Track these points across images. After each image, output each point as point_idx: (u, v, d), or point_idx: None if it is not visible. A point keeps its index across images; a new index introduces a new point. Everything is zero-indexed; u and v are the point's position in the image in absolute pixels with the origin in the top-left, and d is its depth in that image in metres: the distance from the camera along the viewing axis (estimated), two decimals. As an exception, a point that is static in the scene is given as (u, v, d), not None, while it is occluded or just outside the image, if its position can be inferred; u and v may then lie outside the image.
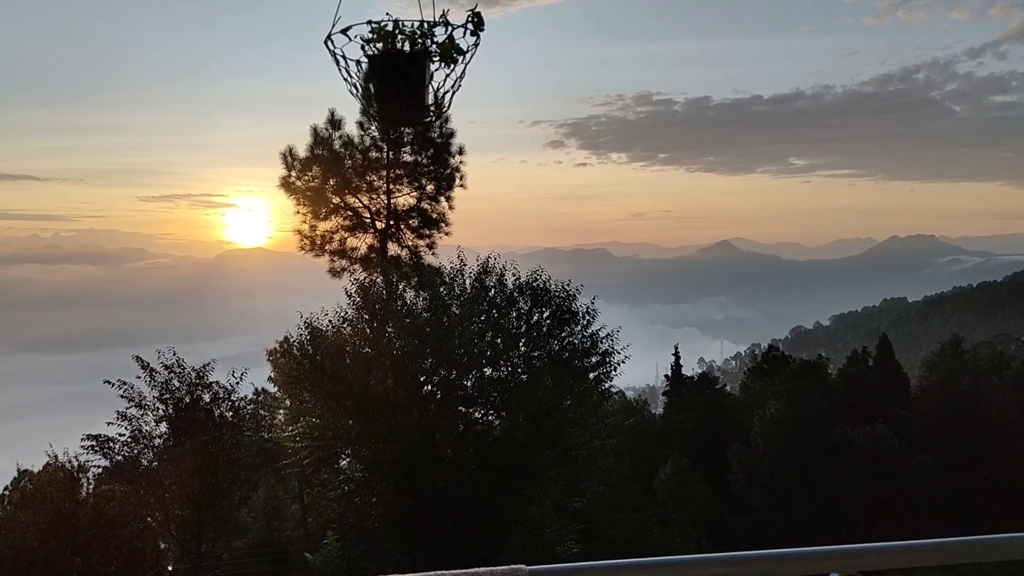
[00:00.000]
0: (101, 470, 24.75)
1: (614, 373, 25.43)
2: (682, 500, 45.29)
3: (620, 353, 25.17)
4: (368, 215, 32.25)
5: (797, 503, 45.76)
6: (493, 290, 24.65)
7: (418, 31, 4.21)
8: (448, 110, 4.43)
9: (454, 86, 4.29)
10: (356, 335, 24.34)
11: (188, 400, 24.54)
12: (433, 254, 31.94)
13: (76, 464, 23.63)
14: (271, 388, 29.74)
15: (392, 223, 32.11)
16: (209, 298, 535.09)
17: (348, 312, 24.63)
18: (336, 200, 32.01)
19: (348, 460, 25.22)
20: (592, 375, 25.03)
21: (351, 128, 31.89)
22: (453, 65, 4.24)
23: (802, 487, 45.64)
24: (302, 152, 31.70)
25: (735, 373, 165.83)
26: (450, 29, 4.20)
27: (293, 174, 31.85)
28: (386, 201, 32.11)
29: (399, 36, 4.22)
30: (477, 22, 4.18)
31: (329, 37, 4.21)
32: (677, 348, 61.17)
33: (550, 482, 25.32)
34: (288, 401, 26.97)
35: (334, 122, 31.79)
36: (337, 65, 4.30)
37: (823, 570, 2.89)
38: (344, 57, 4.27)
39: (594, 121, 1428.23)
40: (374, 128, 31.44)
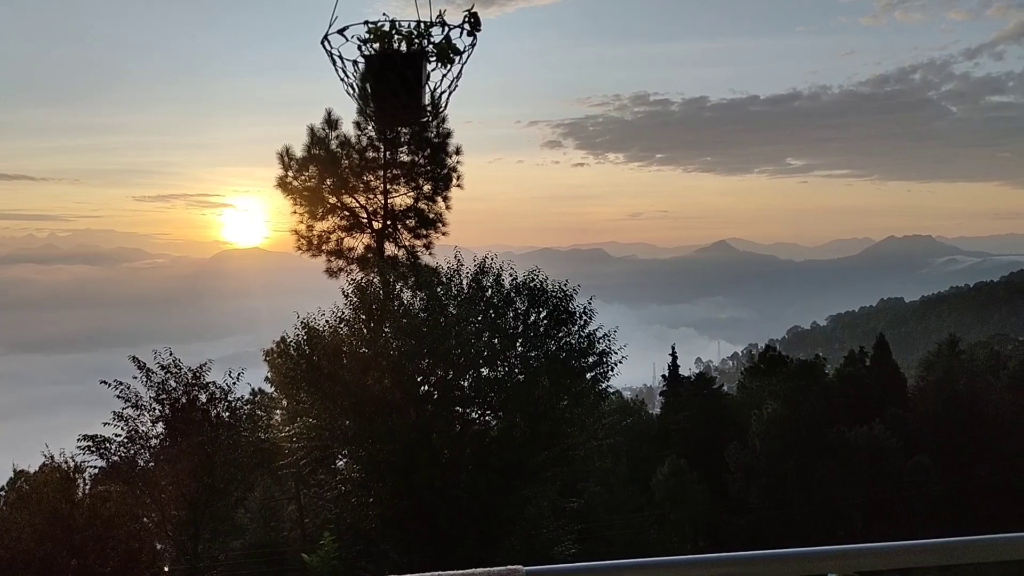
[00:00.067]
0: (97, 470, 24.73)
1: (611, 373, 25.46)
2: (679, 500, 45.32)
3: (617, 353, 25.21)
4: (365, 215, 32.25)
5: (794, 503, 45.80)
6: (490, 290, 24.65)
7: (415, 31, 4.21)
8: (445, 110, 4.42)
9: (451, 86, 4.29)
10: (353, 335, 24.34)
11: (184, 400, 24.54)
12: (430, 254, 31.98)
13: (72, 465, 23.59)
14: (268, 388, 29.74)
15: (389, 223, 32.11)
16: (206, 298, 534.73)
17: (345, 312, 24.64)
18: (333, 200, 32.01)
19: (345, 460, 25.22)
20: (589, 375, 25.05)
21: (348, 128, 31.96)
22: (450, 65, 4.24)
23: (799, 487, 45.68)
24: (299, 152, 31.75)
25: (732, 373, 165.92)
26: (447, 29, 4.19)
27: (290, 174, 31.87)
28: (383, 201, 32.11)
29: (396, 36, 4.21)
30: (474, 22, 4.17)
31: (326, 37, 4.20)
32: (674, 348, 61.17)
33: (547, 482, 25.32)
34: (285, 401, 26.95)
35: (331, 122, 31.81)
36: (334, 65, 4.29)
37: (820, 570, 2.88)
38: (341, 57, 4.26)
39: (591, 121, 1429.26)
40: (371, 128, 31.44)
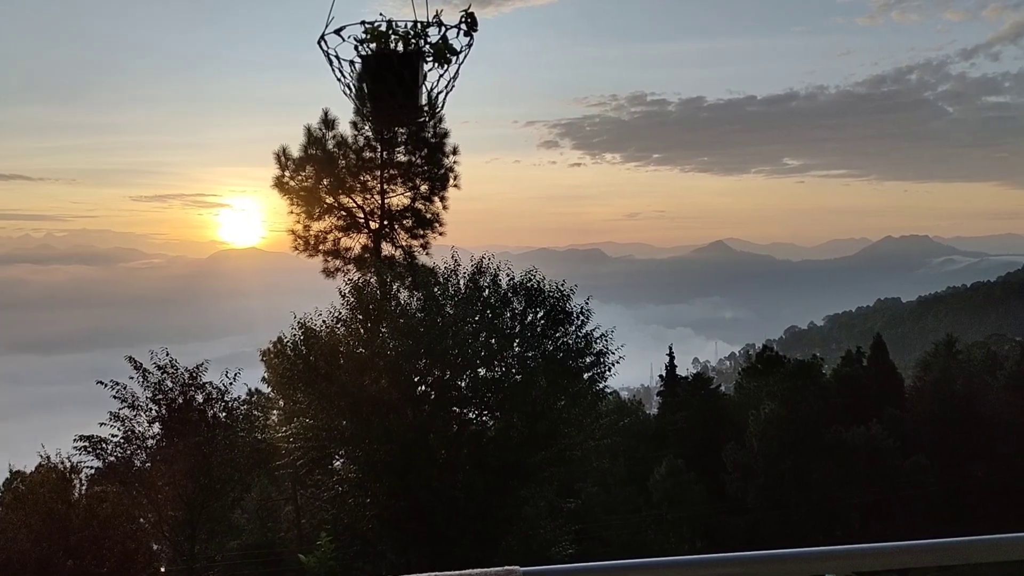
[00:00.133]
0: (94, 471, 24.68)
1: (608, 373, 25.50)
2: (677, 500, 45.37)
3: (614, 353, 25.24)
4: (362, 215, 32.22)
5: (792, 503, 45.85)
6: (487, 290, 24.66)
7: (411, 31, 4.20)
8: (442, 110, 4.42)
9: (448, 86, 4.28)
10: (350, 335, 24.32)
11: (181, 401, 24.50)
12: (427, 254, 31.93)
13: (69, 465, 23.55)
14: (265, 389, 29.72)
15: (386, 223, 32.08)
16: (202, 298, 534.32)
17: (342, 312, 24.63)
18: (330, 200, 31.97)
19: (342, 461, 25.20)
20: (586, 375, 25.08)
21: (345, 128, 31.90)
22: (447, 65, 4.23)
23: (797, 487, 45.74)
24: (296, 152, 31.70)
25: (729, 373, 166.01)
26: (443, 29, 4.18)
27: (287, 174, 31.82)
28: (380, 201, 32.08)
29: (392, 36, 4.20)
30: (470, 22, 4.17)
31: (322, 37, 4.19)
32: (671, 348, 61.23)
33: (544, 482, 25.33)
34: (282, 402, 26.93)
35: (328, 122, 31.77)
36: (331, 65, 4.28)
37: (818, 571, 2.88)
38: (338, 57, 4.26)
39: (588, 121, 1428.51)
40: (368, 128, 31.40)
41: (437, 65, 4.24)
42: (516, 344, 24.32)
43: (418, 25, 4.19)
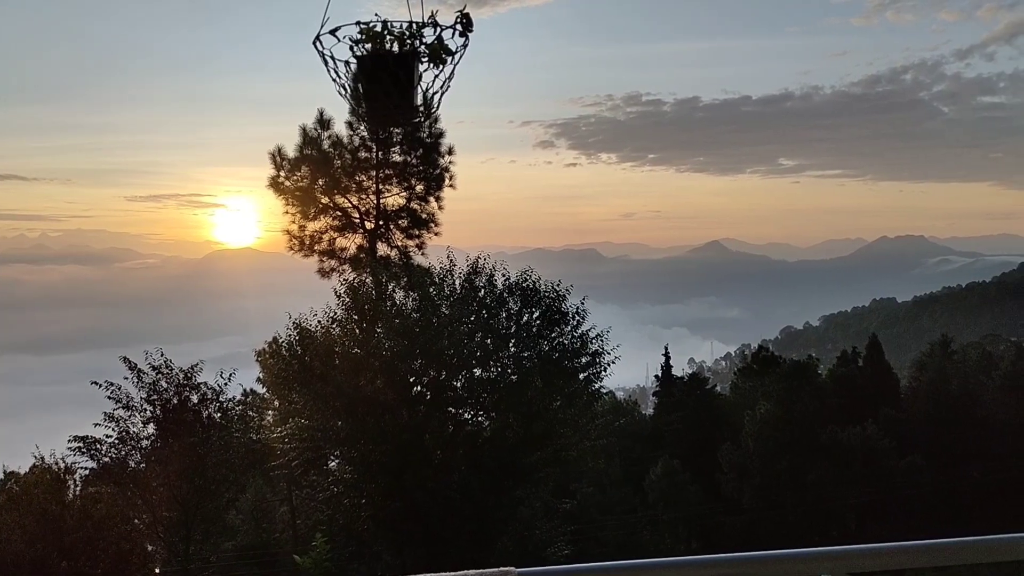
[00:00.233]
0: (88, 472, 24.65)
1: (604, 374, 25.45)
2: (672, 501, 45.37)
3: (610, 353, 25.19)
4: (357, 215, 32.18)
5: (788, 503, 45.88)
6: (483, 290, 24.62)
7: (407, 32, 4.19)
8: (437, 110, 4.42)
9: (443, 87, 4.28)
10: (345, 336, 24.28)
11: (176, 401, 24.46)
12: (423, 254, 31.92)
13: (63, 466, 23.52)
14: (260, 389, 29.64)
15: (381, 223, 32.05)
16: (197, 299, 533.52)
17: (337, 313, 24.57)
18: (325, 200, 31.94)
19: (337, 461, 25.14)
20: (582, 376, 25.04)
21: (340, 128, 31.85)
22: (442, 66, 4.23)
23: (792, 487, 45.76)
24: (291, 152, 31.64)
25: (725, 373, 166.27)
26: (439, 30, 4.18)
27: (282, 174, 31.77)
28: (375, 201, 32.05)
29: (388, 37, 4.20)
30: (466, 23, 4.16)
31: (318, 38, 4.19)
32: (667, 348, 61.25)
33: (540, 483, 25.31)
34: (277, 402, 26.89)
35: (323, 122, 31.72)
36: (326, 66, 4.28)
37: (814, 571, 2.88)
38: (333, 58, 4.25)
39: (584, 121, 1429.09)
40: (363, 128, 31.37)
41: (432, 65, 4.24)
42: (512, 344, 24.28)
43: (413, 25, 4.19)
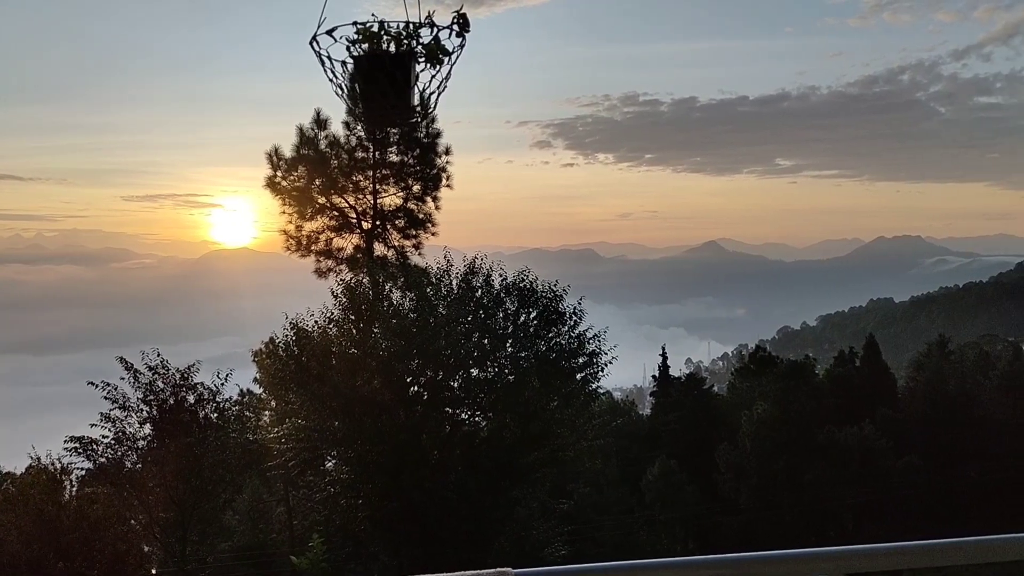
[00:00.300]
0: (84, 472, 24.59)
1: (601, 374, 25.47)
2: (669, 501, 45.34)
3: (607, 354, 25.22)
4: (354, 215, 32.17)
5: (785, 504, 45.87)
6: (480, 291, 24.63)
7: (403, 32, 4.19)
8: (434, 111, 4.41)
9: (440, 87, 4.28)
10: (342, 336, 24.27)
11: (172, 401, 24.42)
12: (419, 254, 31.94)
13: (59, 466, 23.46)
14: (256, 389, 29.62)
15: (378, 223, 32.04)
16: (194, 299, 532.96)
17: (334, 313, 24.57)
18: (322, 200, 31.93)
19: (334, 462, 25.13)
20: (579, 376, 25.05)
21: (337, 128, 31.86)
22: (439, 66, 4.22)
23: (790, 488, 45.76)
24: (288, 152, 31.64)
25: (722, 374, 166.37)
26: (436, 30, 4.18)
27: (279, 174, 31.77)
28: (372, 201, 32.04)
29: (384, 37, 4.20)
30: (462, 23, 4.16)
31: (314, 38, 4.18)
32: (664, 349, 61.23)
33: (537, 483, 25.29)
34: (273, 402, 26.85)
35: (320, 122, 31.72)
36: (322, 66, 4.27)
37: (811, 572, 2.88)
38: (330, 58, 4.25)
39: (580, 121, 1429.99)
40: (360, 128, 31.36)
41: (429, 66, 4.23)
42: (509, 344, 24.29)
43: (410, 26, 4.18)
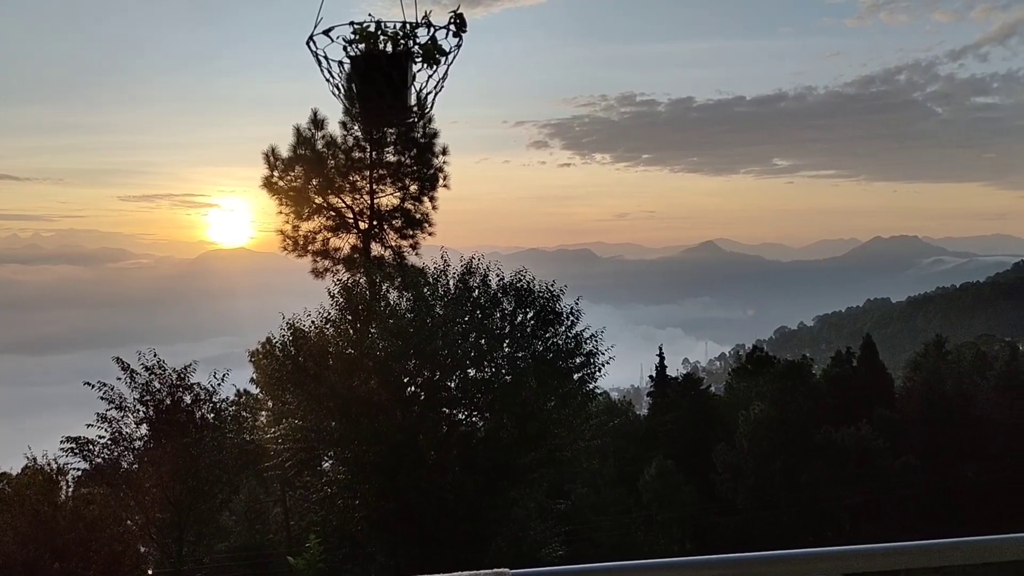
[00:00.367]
0: (80, 473, 24.57)
1: (598, 374, 25.46)
2: (667, 501, 45.37)
3: (604, 354, 25.21)
4: (351, 215, 32.13)
5: (782, 504, 45.92)
6: (477, 291, 24.61)
7: (400, 32, 4.18)
8: (431, 111, 4.40)
9: (437, 87, 4.27)
10: (339, 336, 24.24)
11: (169, 402, 24.41)
12: (416, 255, 31.87)
13: (55, 467, 23.43)
14: (253, 390, 29.58)
15: (375, 223, 32.01)
16: (191, 299, 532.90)
17: (331, 313, 24.54)
18: (319, 200, 31.89)
19: (331, 462, 25.10)
20: (576, 376, 25.04)
21: (334, 128, 31.81)
22: (436, 66, 4.21)
23: (787, 488, 45.80)
24: (285, 152, 31.60)
25: (719, 374, 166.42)
26: (432, 30, 4.17)
27: (275, 174, 31.72)
28: (369, 201, 32.01)
29: (381, 37, 4.18)
30: (459, 23, 4.15)
31: (311, 38, 4.17)
32: (661, 349, 61.25)
33: (534, 484, 25.27)
34: (270, 403, 26.80)
35: (317, 122, 31.68)
36: (319, 66, 4.26)
37: (808, 572, 2.88)
38: (326, 58, 4.24)
39: (577, 121, 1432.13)
40: (357, 128, 31.33)
41: (426, 66, 4.22)
42: (506, 345, 24.27)
43: (407, 26, 4.17)
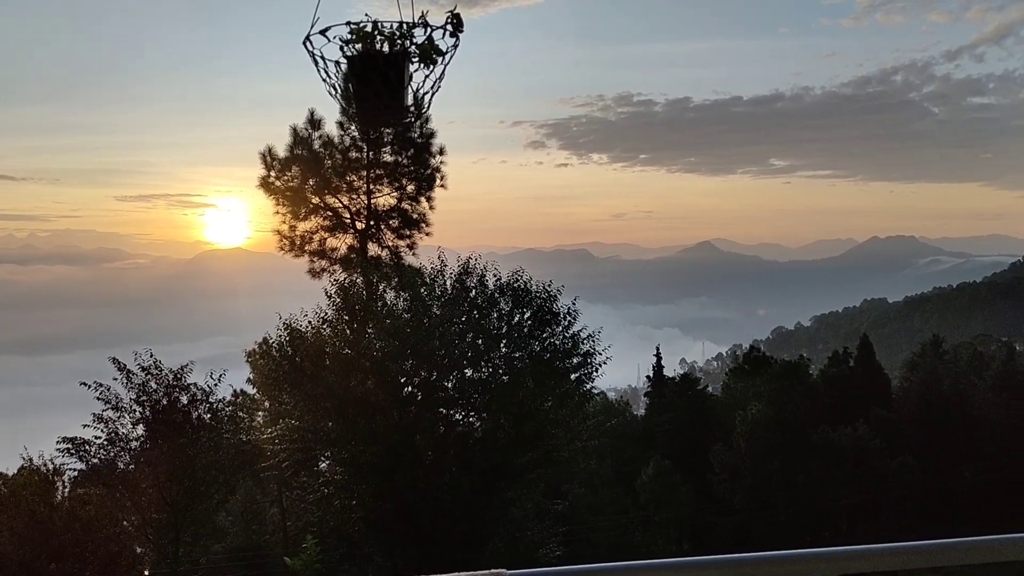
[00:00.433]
0: (77, 473, 24.52)
1: (595, 374, 25.49)
2: (664, 502, 45.38)
3: (601, 354, 25.23)
4: (348, 215, 32.09)
5: (779, 504, 45.92)
6: (474, 291, 24.62)
7: (397, 32, 4.17)
8: (428, 111, 4.39)
9: (434, 87, 4.26)
10: (336, 336, 24.21)
11: (165, 402, 24.36)
12: (413, 255, 31.82)
13: (51, 467, 23.39)
14: (250, 390, 29.55)
15: (372, 223, 31.96)
16: (187, 299, 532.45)
17: (328, 313, 24.51)
18: (316, 200, 31.84)
19: (328, 462, 25.07)
20: (573, 376, 25.05)
21: (331, 128, 31.75)
22: (432, 66, 4.21)
23: (784, 488, 45.81)
24: (281, 152, 31.54)
25: (717, 374, 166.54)
26: (429, 30, 4.16)
27: (272, 174, 31.66)
28: (366, 201, 31.96)
29: (378, 37, 4.18)
30: (456, 23, 4.14)
31: (308, 38, 4.16)
32: (659, 349, 61.24)
33: (532, 484, 25.28)
34: (267, 403, 26.77)
35: (314, 122, 31.63)
36: (316, 66, 4.25)
37: (805, 572, 2.87)
38: (323, 58, 4.23)
39: (575, 122, 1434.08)
40: (354, 128, 31.27)
41: (423, 65, 4.21)
42: (503, 345, 24.28)
43: (404, 26, 4.16)
